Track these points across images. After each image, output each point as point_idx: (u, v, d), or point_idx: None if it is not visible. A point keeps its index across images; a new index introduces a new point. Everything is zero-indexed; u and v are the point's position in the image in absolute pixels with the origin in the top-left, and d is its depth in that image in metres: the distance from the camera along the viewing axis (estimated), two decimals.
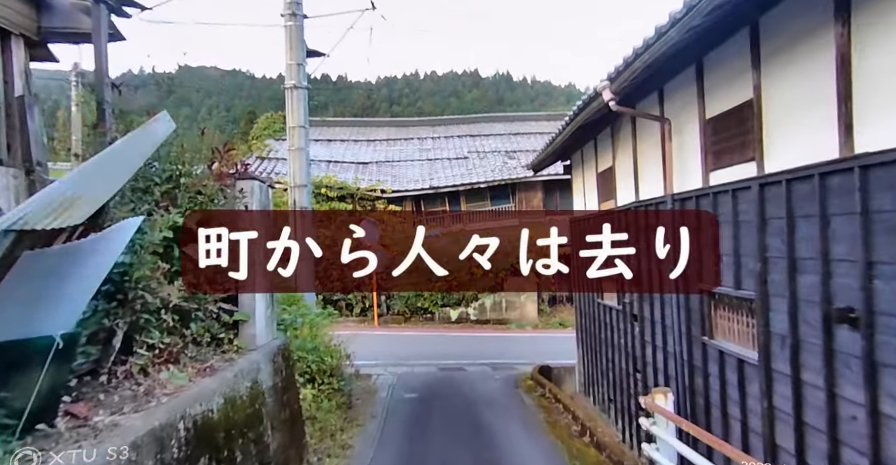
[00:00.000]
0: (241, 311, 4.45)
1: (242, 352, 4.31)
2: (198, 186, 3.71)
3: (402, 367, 12.22)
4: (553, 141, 10.14)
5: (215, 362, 3.83)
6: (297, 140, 9.13)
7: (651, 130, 7.17)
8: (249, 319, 4.46)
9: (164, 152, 3.66)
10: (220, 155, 3.97)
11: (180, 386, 3.22)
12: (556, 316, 19.78)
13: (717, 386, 5.58)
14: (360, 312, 18.70)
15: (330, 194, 19.75)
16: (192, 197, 3.74)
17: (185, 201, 3.65)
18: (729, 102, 5.24)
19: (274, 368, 4.71)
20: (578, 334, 11.80)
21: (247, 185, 4.45)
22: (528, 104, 59.19)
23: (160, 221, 3.25)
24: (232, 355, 4.14)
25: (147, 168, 3.54)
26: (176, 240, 3.59)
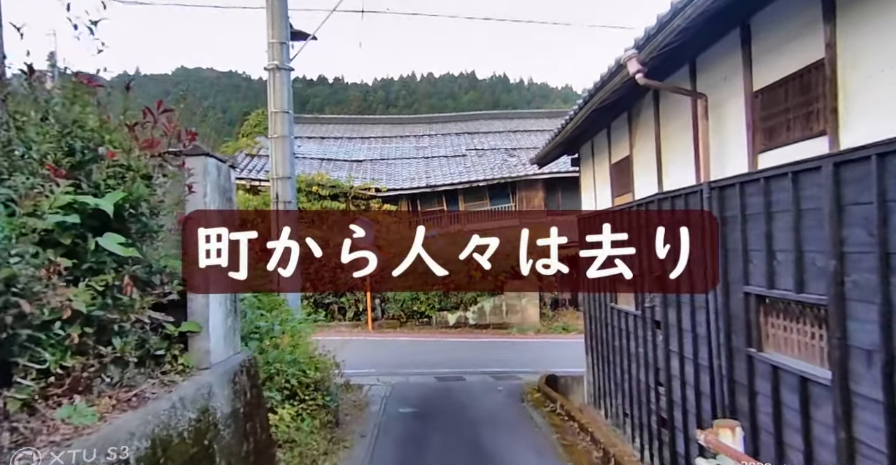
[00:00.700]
0: (189, 320, 3.55)
1: (190, 372, 3.41)
2: (120, 159, 2.80)
3: (397, 376, 11.30)
4: (562, 130, 9.26)
5: (148, 389, 2.93)
6: (279, 127, 8.23)
7: (679, 109, 6.29)
8: (201, 329, 3.56)
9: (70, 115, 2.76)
10: (154, 117, 3.05)
11: (81, 428, 2.33)
12: (558, 320, 18.91)
13: (767, 408, 4.69)
14: (354, 316, 17.77)
15: (322, 193, 18.83)
16: (117, 174, 2.83)
17: (102, 177, 2.73)
18: (787, 67, 4.36)
19: (234, 390, 3.80)
20: (588, 341, 10.91)
21: (198, 163, 3.56)
22: (524, 106, 58.74)
23: (46, 201, 2.34)
24: (174, 377, 3.23)
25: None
26: (93, 228, 2.70)
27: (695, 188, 5.76)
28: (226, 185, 4.00)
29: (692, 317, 6.14)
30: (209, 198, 3.65)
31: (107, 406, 2.62)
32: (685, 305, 6.32)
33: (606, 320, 9.50)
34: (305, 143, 24.53)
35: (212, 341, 3.65)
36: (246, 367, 4.14)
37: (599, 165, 9.82)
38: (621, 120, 8.36)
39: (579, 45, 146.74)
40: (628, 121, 8.06)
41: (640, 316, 7.78)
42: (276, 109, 8.24)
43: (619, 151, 8.69)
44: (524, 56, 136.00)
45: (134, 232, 3.03)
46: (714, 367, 5.60)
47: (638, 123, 7.75)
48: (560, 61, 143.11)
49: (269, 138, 8.34)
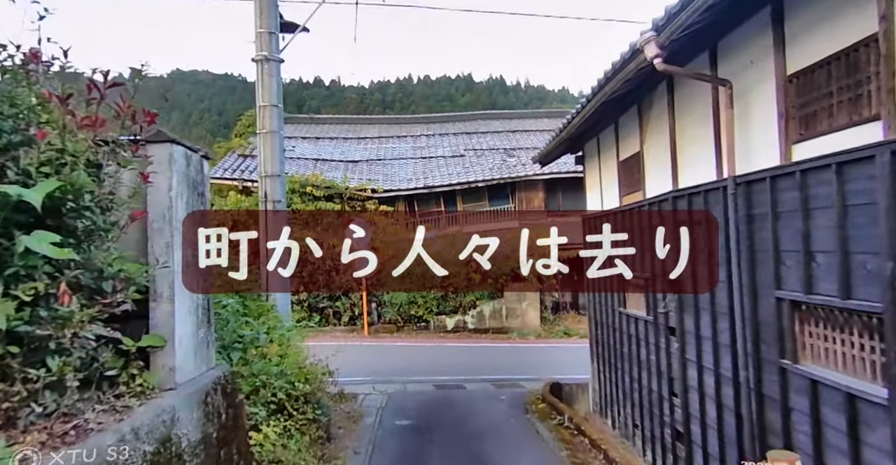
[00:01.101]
0: (151, 333, 3.06)
1: (151, 395, 2.92)
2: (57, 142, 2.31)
3: (394, 384, 10.80)
4: (567, 126, 8.80)
5: (92, 418, 2.44)
6: (268, 121, 7.75)
7: (697, 100, 5.83)
8: (165, 343, 3.07)
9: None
10: (99, 92, 2.55)
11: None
12: (559, 324, 18.43)
13: (805, 426, 4.21)
14: (349, 320, 17.27)
15: (316, 194, 18.33)
16: (53, 160, 2.34)
17: (33, 163, 2.24)
18: (828, 46, 3.90)
19: (206, 412, 3.32)
20: (593, 347, 10.43)
21: (161, 150, 3.07)
22: (521, 108, 58.80)
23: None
24: (130, 401, 2.74)
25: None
26: (21, 224, 2.22)
27: (716, 184, 5.30)
28: (197, 178, 3.52)
29: (713, 323, 5.66)
30: (175, 192, 3.17)
31: (34, 442, 2.14)
32: (704, 310, 5.84)
33: (614, 325, 9.03)
34: (300, 143, 24.05)
35: (178, 357, 3.17)
36: (221, 384, 3.65)
37: (606, 163, 9.36)
38: (630, 114, 7.91)
39: (576, 47, 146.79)
40: (638, 115, 7.60)
41: (653, 322, 7.30)
42: (264, 103, 7.75)
43: (627, 148, 8.23)
44: (521, 58, 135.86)
45: (79, 230, 2.54)
46: (739, 379, 5.13)
47: (649, 117, 7.29)
48: (557, 64, 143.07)
49: (258, 134, 7.86)
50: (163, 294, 3.08)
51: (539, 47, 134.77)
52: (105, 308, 2.57)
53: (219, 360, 4.43)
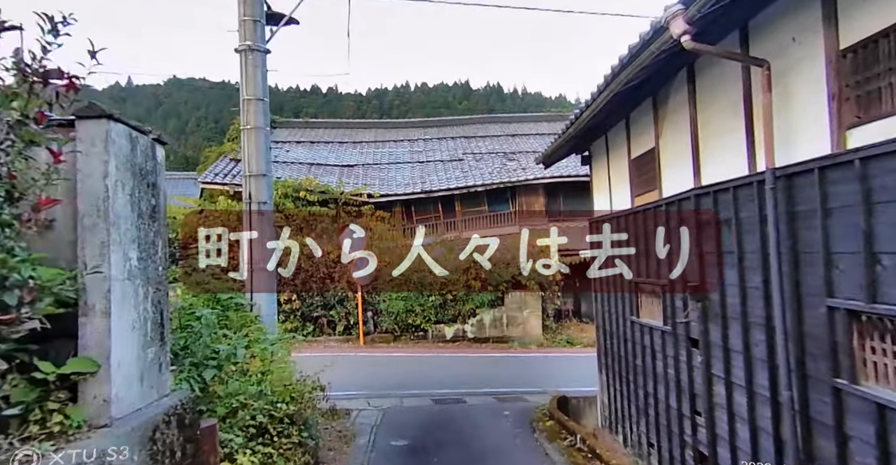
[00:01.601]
0: (81, 356, 2.45)
1: (76, 436, 2.30)
2: None
3: (390, 399, 10.16)
4: (574, 122, 8.23)
5: None
6: (252, 117, 7.17)
7: (723, 87, 5.26)
8: (98, 369, 2.46)
9: None
10: None
11: None
12: (562, 333, 17.80)
13: (868, 458, 3.60)
14: (344, 329, 16.61)
15: (310, 199, 17.72)
16: None
17: None
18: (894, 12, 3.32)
19: (154, 453, 2.70)
20: (601, 358, 9.81)
21: (95, 129, 2.47)
22: None
23: None
24: (41, 446, 2.12)
25: None
26: None
27: (749, 179, 4.71)
28: (147, 165, 2.91)
29: (744, 335, 5.06)
30: (114, 180, 2.56)
31: None
32: (734, 320, 5.24)
33: (625, 335, 8.42)
34: (294, 148, 23.49)
35: (116, 385, 2.54)
36: (178, 415, 3.02)
37: (616, 162, 8.79)
38: (644, 109, 7.35)
39: (573, 55, 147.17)
40: (653, 108, 7.03)
41: (671, 332, 6.70)
42: (248, 96, 7.17)
43: (640, 144, 7.65)
44: (518, 64, 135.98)
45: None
46: (779, 398, 4.51)
47: (666, 111, 6.72)
48: (554, 71, 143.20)
49: (242, 130, 7.27)
50: (95, 307, 2.47)
51: (536, 55, 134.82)
52: (2, 326, 1.96)
53: (179, 383, 3.81)
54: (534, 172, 20.58)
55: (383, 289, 16.51)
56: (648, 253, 7.27)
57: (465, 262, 17.07)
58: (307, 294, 16.38)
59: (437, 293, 16.46)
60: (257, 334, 6.56)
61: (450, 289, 16.48)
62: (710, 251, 5.62)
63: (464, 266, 16.68)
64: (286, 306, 16.18)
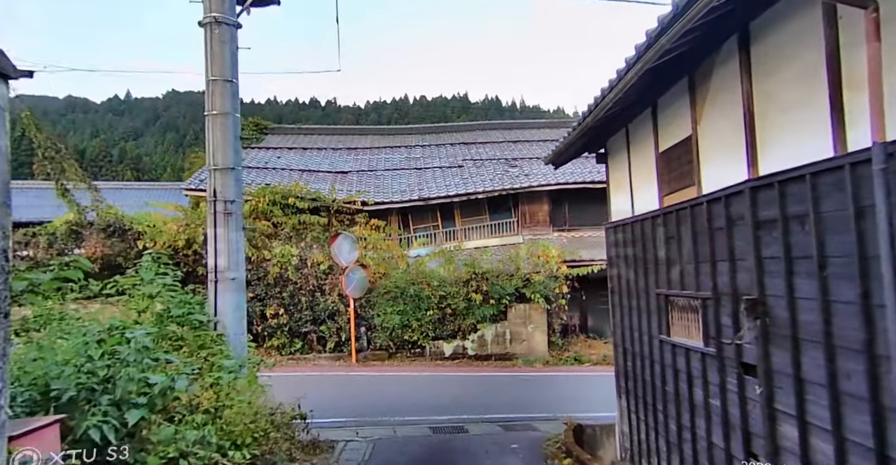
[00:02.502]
0: None
1: None
2: None
3: (381, 427, 8.99)
4: (589, 114, 7.17)
5: None
6: (219, 100, 6.10)
7: (797, 47, 4.20)
8: None
9: None
10: None
11: None
12: (569, 349, 16.63)
13: None
14: (335, 346, 15.43)
15: (300, 206, 16.63)
16: None
17: None
18: None
19: None
20: (621, 381, 8.66)
21: None
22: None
23: None
24: None
25: None
26: None
27: (839, 161, 3.62)
28: None
29: (829, 363, 3.93)
30: None
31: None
32: (812, 343, 4.12)
33: (651, 355, 7.29)
34: (285, 154, 22.47)
35: None
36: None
37: (639, 158, 7.72)
38: (677, 91, 6.29)
39: (571, 69, 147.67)
40: (689, 89, 5.97)
41: (714, 355, 5.56)
42: (214, 76, 6.10)
43: (671, 134, 6.58)
44: (516, 78, 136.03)
45: None
46: (891, 452, 3.38)
47: (707, 89, 5.65)
48: (551, 85, 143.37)
49: (205, 116, 6.20)
50: None
51: (534, 69, 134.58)
52: None
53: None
54: (538, 178, 19.55)
55: (377, 302, 15.38)
56: (683, 260, 6.18)
57: (466, 273, 16.02)
58: (295, 308, 15.23)
59: (436, 307, 15.32)
60: (217, 358, 5.42)
61: (449, 302, 15.35)
62: (772, 256, 4.52)
63: (464, 278, 15.58)
64: (272, 321, 15.03)
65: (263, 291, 15.18)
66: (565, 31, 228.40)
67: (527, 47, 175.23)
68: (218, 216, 6.14)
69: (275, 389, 10.24)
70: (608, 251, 8.95)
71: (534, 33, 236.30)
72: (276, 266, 15.11)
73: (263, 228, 15.80)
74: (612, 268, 8.80)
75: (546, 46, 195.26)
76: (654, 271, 6.98)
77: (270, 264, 15.16)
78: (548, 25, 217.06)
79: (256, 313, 15.05)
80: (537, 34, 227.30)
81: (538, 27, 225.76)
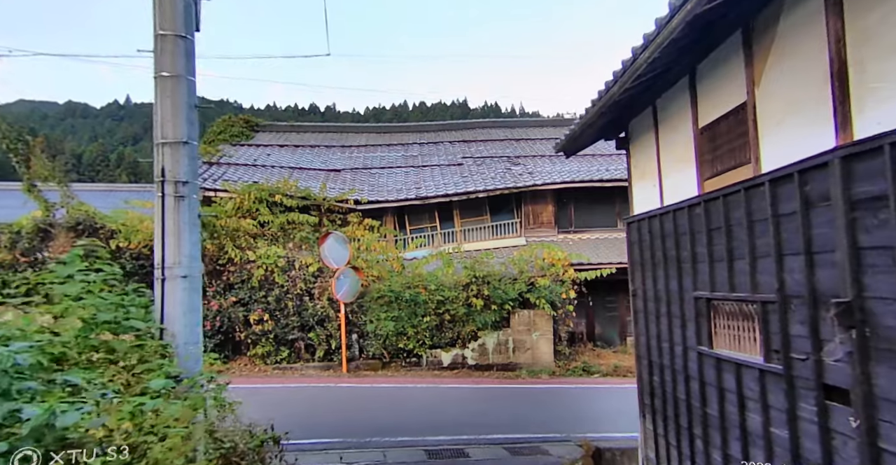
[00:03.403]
0: None
1: None
2: None
3: (370, 451, 7.84)
4: (610, 88, 6.08)
5: None
6: (169, 60, 5.02)
7: None
8: None
9: None
10: None
11: None
12: (576, 359, 15.48)
13: None
14: (325, 355, 14.25)
15: (289, 204, 15.51)
16: None
17: None
18: None
19: None
20: (645, 399, 7.53)
21: None
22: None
23: None
24: None
25: None
26: None
27: None
28: None
29: None
30: None
31: None
32: None
33: (687, 370, 6.16)
34: (276, 151, 21.38)
35: None
36: None
37: (670, 138, 6.62)
38: (727, 49, 5.20)
39: (570, 76, 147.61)
40: (744, 43, 4.88)
41: (782, 374, 4.42)
42: (164, 31, 5.02)
43: (716, 105, 5.49)
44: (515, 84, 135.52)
45: None
46: None
47: (772, 37, 4.55)
48: (551, 92, 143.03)
49: (154, 78, 5.11)
50: None
51: (534, 76, 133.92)
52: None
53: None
54: (542, 177, 18.46)
55: (370, 308, 14.23)
56: (733, 256, 5.07)
57: (466, 277, 14.89)
58: (281, 313, 14.07)
59: (433, 313, 14.17)
60: (153, 376, 4.27)
61: (447, 308, 14.20)
62: (875, 246, 3.41)
63: (464, 282, 14.45)
64: (257, 328, 13.86)
65: (247, 295, 14.03)
66: (566, 39, 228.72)
67: (527, 54, 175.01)
68: (167, 200, 5.02)
69: (253, 404, 9.07)
70: (630, 250, 7.85)
71: (534, 40, 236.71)
72: (261, 268, 13.96)
73: (248, 228, 14.67)
74: (635, 268, 7.69)
75: (547, 54, 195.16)
76: (692, 271, 5.86)
77: (255, 265, 14.01)
78: (548, 33, 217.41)
79: (239, 319, 13.89)
80: (538, 41, 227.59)
81: (538, 35, 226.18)
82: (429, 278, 14.40)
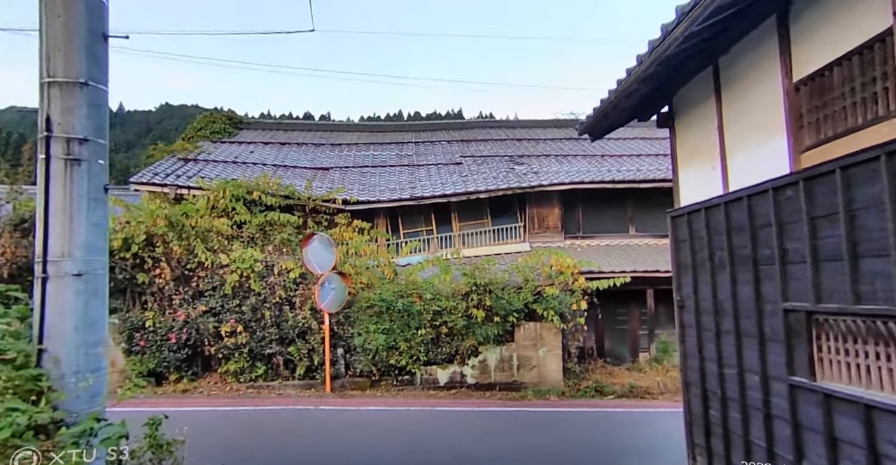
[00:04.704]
0: None
1: None
2: None
3: None
4: (672, 30, 4.60)
5: None
6: None
7: None
8: None
9: None
10: None
11: None
12: (587, 378, 13.91)
13: None
14: (306, 372, 12.63)
15: (268, 202, 13.94)
16: None
17: None
18: None
19: None
20: (698, 438, 5.99)
21: None
22: None
23: None
24: None
25: None
26: None
27: None
28: None
29: None
30: None
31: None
32: None
33: (770, 407, 4.65)
34: (260, 148, 19.85)
35: None
36: None
37: (744, 101, 5.14)
38: None
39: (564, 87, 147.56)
40: None
41: None
42: None
43: (831, 43, 4.01)
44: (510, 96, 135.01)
45: None
46: None
47: None
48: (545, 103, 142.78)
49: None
50: None
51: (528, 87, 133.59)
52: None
53: None
54: (548, 177, 17.01)
55: (358, 319, 12.64)
56: (857, 253, 3.58)
57: (465, 284, 13.33)
58: (258, 324, 12.46)
59: (429, 325, 12.60)
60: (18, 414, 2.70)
61: (445, 320, 12.63)
62: None
63: (463, 290, 12.89)
64: (229, 341, 12.24)
65: (219, 303, 12.42)
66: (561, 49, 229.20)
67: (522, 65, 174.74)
68: (53, 164, 3.47)
69: (212, 434, 7.48)
70: (675, 251, 6.36)
71: (529, 51, 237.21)
72: (236, 273, 12.36)
73: (222, 228, 13.08)
74: (684, 273, 6.19)
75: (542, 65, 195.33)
76: (780, 274, 4.36)
77: (228, 270, 12.41)
78: (544, 43, 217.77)
79: (210, 331, 12.27)
80: (532, 52, 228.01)
81: (534, 45, 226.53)
82: (424, 286, 12.84)
